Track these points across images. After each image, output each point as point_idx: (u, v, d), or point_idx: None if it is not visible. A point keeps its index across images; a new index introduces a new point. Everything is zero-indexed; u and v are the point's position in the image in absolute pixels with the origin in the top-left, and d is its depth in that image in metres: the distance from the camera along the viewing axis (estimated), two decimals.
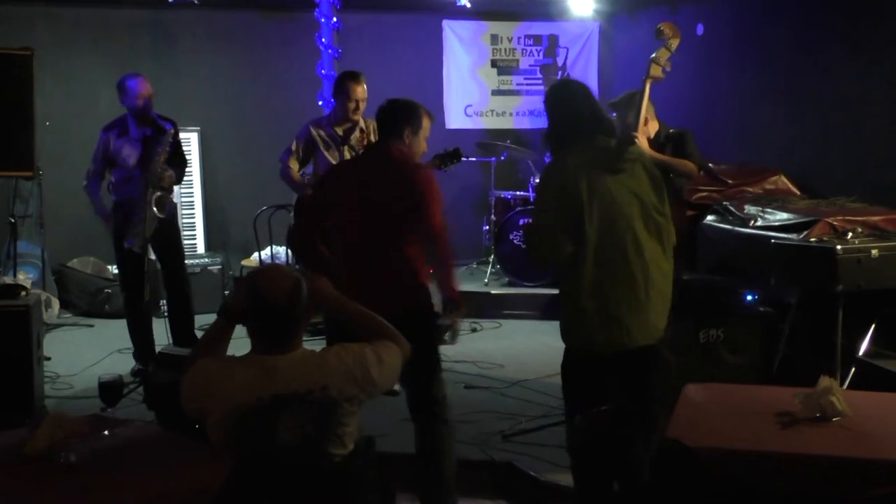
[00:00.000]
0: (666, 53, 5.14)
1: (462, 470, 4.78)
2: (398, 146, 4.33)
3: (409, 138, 4.37)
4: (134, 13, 9.49)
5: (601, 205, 3.68)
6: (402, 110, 4.43)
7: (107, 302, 8.47)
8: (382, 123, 4.41)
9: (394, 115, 4.41)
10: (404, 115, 4.41)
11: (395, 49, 10.04)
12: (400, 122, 4.38)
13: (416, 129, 4.40)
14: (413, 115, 4.42)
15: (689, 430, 3.17)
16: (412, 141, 4.39)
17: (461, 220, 10.08)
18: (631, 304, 3.69)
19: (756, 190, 6.89)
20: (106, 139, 6.31)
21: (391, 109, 4.43)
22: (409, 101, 4.51)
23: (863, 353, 5.01)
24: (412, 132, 4.38)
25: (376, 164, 4.36)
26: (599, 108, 4.00)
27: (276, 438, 2.79)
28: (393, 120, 4.40)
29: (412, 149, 4.40)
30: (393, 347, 3.07)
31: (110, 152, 6.28)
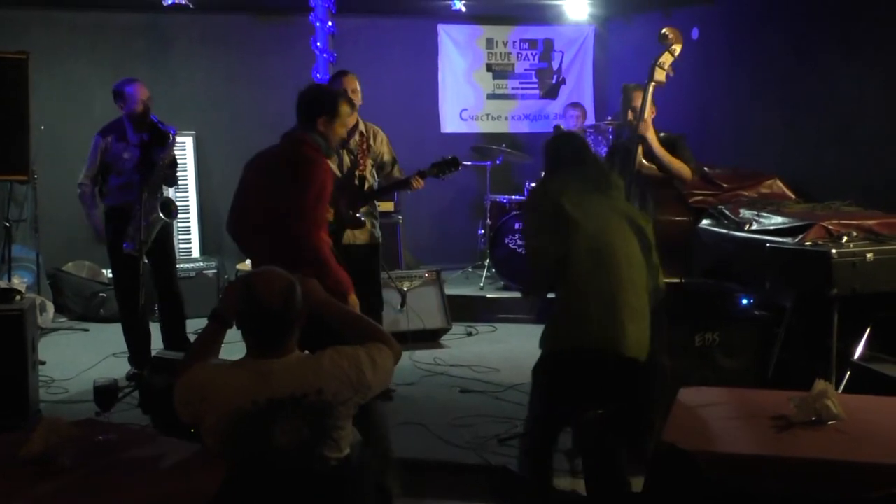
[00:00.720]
0: (669, 58, 5.17)
1: (458, 474, 4.79)
2: (301, 135, 4.37)
3: (324, 126, 4.41)
4: (129, 17, 9.49)
5: (591, 216, 3.81)
6: (318, 98, 4.47)
7: (101, 306, 8.46)
8: (298, 111, 4.46)
9: (309, 103, 4.45)
10: (320, 103, 4.43)
11: (391, 53, 10.05)
12: (314, 110, 4.41)
13: (332, 117, 4.43)
14: (329, 103, 4.44)
15: (684, 434, 3.17)
16: (327, 129, 4.42)
17: (456, 224, 10.11)
18: (628, 313, 3.78)
19: (751, 194, 6.90)
20: (103, 144, 6.27)
21: (306, 97, 4.47)
22: (326, 88, 4.57)
23: (858, 357, 5.01)
24: (327, 120, 4.42)
25: (278, 151, 4.46)
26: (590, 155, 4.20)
27: (271, 442, 2.79)
28: (307, 107, 4.44)
29: (327, 137, 4.43)
30: (385, 350, 3.08)
31: (108, 157, 6.25)
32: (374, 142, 5.96)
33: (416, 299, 7.52)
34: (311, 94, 4.49)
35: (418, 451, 5.01)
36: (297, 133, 4.45)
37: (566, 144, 4.16)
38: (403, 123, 8.72)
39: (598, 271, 3.76)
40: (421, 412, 5.67)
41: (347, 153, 5.91)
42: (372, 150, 5.93)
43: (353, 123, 5.97)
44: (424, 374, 6.59)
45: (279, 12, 9.70)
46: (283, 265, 3.11)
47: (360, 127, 5.95)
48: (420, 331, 7.36)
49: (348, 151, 5.91)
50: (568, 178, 3.96)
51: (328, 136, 4.44)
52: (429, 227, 10.17)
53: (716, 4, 8.61)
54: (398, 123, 7.61)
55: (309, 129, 4.42)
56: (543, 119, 10.49)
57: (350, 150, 5.90)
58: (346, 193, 5.80)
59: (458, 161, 5.88)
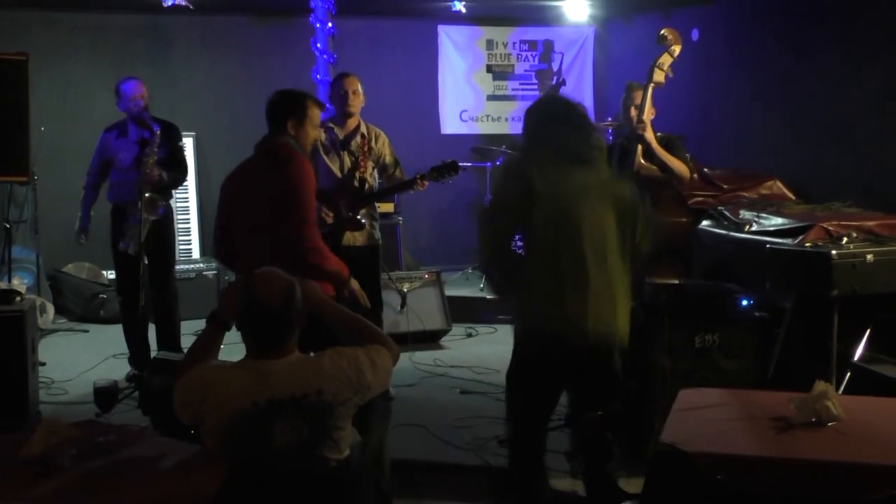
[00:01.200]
0: (669, 59, 5.18)
1: (458, 475, 4.79)
2: (277, 139, 4.35)
3: (294, 129, 4.38)
4: (129, 18, 9.49)
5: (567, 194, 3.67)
6: (284, 102, 4.42)
7: (101, 307, 8.46)
8: (267, 117, 4.43)
9: (276, 108, 4.42)
10: (286, 107, 4.40)
11: (391, 54, 10.05)
12: (282, 114, 4.38)
13: (301, 119, 4.39)
14: (296, 106, 4.41)
15: (684, 435, 3.17)
16: (298, 132, 4.39)
17: (456, 225, 10.10)
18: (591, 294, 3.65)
19: (751, 195, 6.90)
20: (105, 140, 6.36)
21: (274, 102, 4.43)
22: (295, 91, 4.51)
23: (858, 358, 5.01)
24: (297, 123, 4.38)
25: (255, 160, 4.44)
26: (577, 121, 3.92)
27: (271, 443, 2.79)
28: (275, 112, 4.41)
29: (299, 140, 4.40)
30: (384, 351, 3.08)
31: (109, 153, 6.32)
32: (375, 143, 5.96)
33: (416, 300, 7.52)
34: (277, 99, 4.45)
35: (418, 452, 5.01)
36: (269, 139, 4.42)
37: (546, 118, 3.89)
38: (403, 124, 8.72)
39: (557, 249, 3.63)
40: (421, 413, 5.67)
41: (348, 155, 5.91)
42: (373, 151, 5.93)
43: (355, 125, 5.97)
44: (424, 375, 6.59)
45: (279, 13, 9.70)
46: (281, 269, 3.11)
47: (362, 129, 5.95)
48: (420, 332, 7.36)
49: (349, 153, 5.91)
50: (540, 151, 3.78)
51: (300, 139, 4.40)
52: (429, 228, 10.17)
53: (715, 5, 8.62)
54: (398, 124, 7.61)
55: (280, 133, 4.38)
56: None
57: (351, 152, 5.90)
58: (346, 195, 5.80)
59: (457, 165, 5.87)
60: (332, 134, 5.95)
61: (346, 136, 5.94)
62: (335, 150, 5.93)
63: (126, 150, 6.22)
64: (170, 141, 6.33)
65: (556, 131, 3.78)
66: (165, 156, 6.26)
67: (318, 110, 4.51)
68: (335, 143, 5.93)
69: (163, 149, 6.23)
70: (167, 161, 6.25)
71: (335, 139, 5.94)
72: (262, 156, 4.42)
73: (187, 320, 6.65)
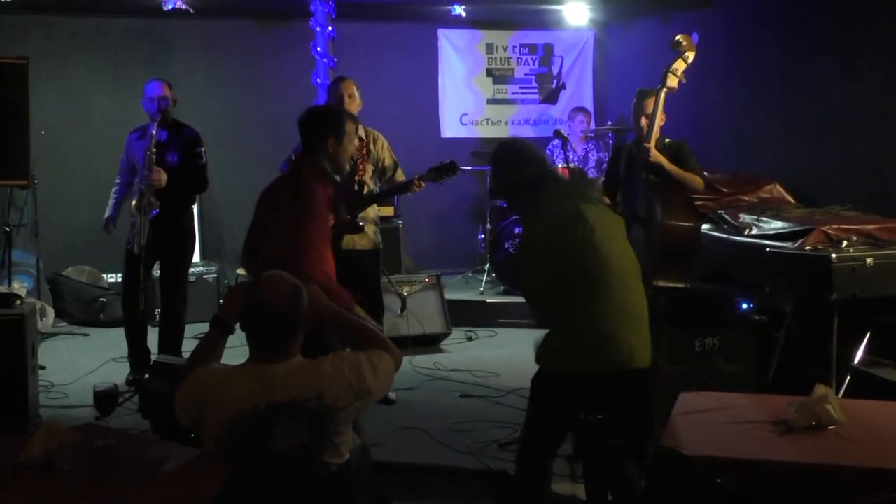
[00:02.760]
0: (683, 65, 5.19)
1: (458, 479, 4.79)
2: (307, 164, 4.31)
3: (333, 147, 4.34)
4: (129, 22, 9.50)
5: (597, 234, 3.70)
6: (323, 120, 4.38)
7: (101, 311, 8.46)
8: (303, 134, 4.37)
9: (315, 126, 4.36)
10: (326, 125, 4.35)
11: (391, 58, 10.06)
12: (322, 132, 4.33)
13: (340, 136, 4.36)
14: (335, 123, 4.37)
15: (684, 439, 3.17)
16: (337, 150, 4.35)
17: (456, 229, 10.12)
18: (634, 324, 3.72)
19: (751, 198, 6.90)
20: (129, 141, 6.40)
21: (312, 120, 4.37)
22: (330, 108, 4.46)
23: (858, 362, 5.01)
24: (336, 141, 4.34)
25: (284, 183, 4.40)
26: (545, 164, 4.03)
27: (272, 446, 2.79)
28: (314, 130, 4.36)
29: (337, 156, 4.37)
30: (386, 356, 3.08)
31: (129, 154, 6.36)
32: (374, 147, 5.96)
33: (417, 304, 7.52)
34: (314, 117, 4.39)
35: (418, 456, 5.01)
36: (304, 161, 4.38)
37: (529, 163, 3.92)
38: (403, 128, 8.73)
39: (600, 287, 3.66)
40: (421, 417, 5.67)
41: None
42: (372, 154, 5.94)
43: None
44: (424, 378, 6.59)
45: (279, 17, 9.71)
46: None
47: (360, 132, 5.95)
48: (420, 335, 7.36)
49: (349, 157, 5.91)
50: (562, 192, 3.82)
51: (339, 156, 4.38)
52: (429, 232, 10.18)
53: (715, 9, 8.62)
54: (398, 128, 7.62)
55: (318, 151, 4.34)
56: (543, 124, 10.49)
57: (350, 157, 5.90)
58: (345, 199, 5.81)
59: (456, 165, 5.87)
60: None
61: None
62: None
63: (141, 152, 6.23)
64: (184, 146, 6.31)
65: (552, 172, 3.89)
66: (178, 161, 6.25)
67: (353, 125, 4.47)
68: None
69: (175, 153, 6.23)
70: (179, 166, 6.24)
71: None
72: (292, 180, 4.36)
73: (188, 324, 6.64)
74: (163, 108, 6.23)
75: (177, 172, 6.19)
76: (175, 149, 6.24)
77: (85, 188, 8.78)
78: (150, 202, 6.05)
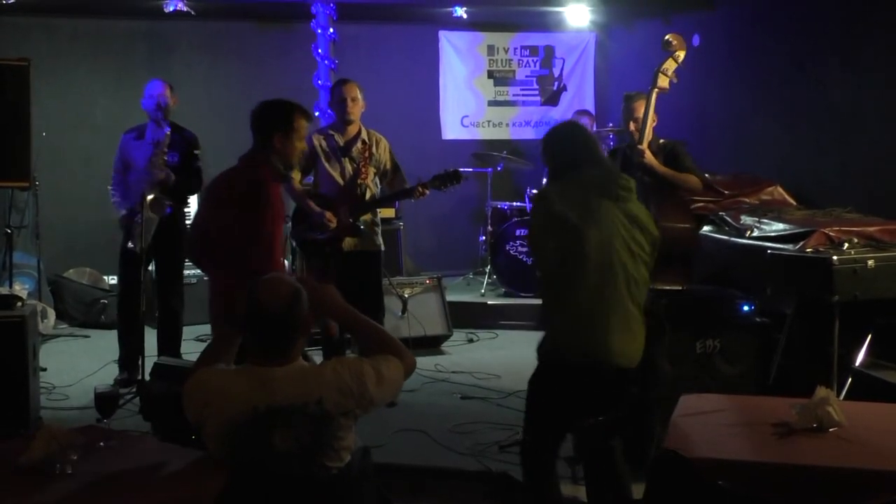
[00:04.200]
0: (673, 65, 5.18)
1: (459, 481, 4.79)
2: (257, 161, 4.31)
3: (280, 142, 4.30)
4: (130, 24, 9.51)
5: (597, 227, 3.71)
6: (271, 114, 4.34)
7: (102, 312, 8.45)
8: (252, 128, 4.36)
9: (263, 120, 4.34)
10: (273, 120, 4.32)
11: (392, 60, 10.06)
12: (269, 127, 4.30)
13: (288, 132, 4.31)
14: (283, 119, 4.32)
15: (685, 441, 3.17)
16: (284, 145, 4.31)
17: (457, 231, 10.12)
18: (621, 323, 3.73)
19: (752, 200, 6.89)
20: (124, 141, 6.43)
21: (260, 114, 4.35)
22: (282, 102, 4.37)
23: (859, 364, 5.01)
24: (283, 136, 4.30)
25: (232, 177, 4.38)
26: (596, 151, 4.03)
27: (271, 449, 2.79)
28: (262, 125, 4.33)
29: (285, 152, 4.32)
30: (394, 362, 3.05)
31: (126, 155, 6.38)
32: (376, 150, 5.96)
33: (418, 306, 7.53)
34: (264, 111, 4.36)
35: (419, 458, 5.01)
36: (253, 157, 4.37)
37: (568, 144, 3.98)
38: (404, 130, 8.73)
39: (593, 283, 3.68)
40: (422, 419, 5.67)
41: (350, 161, 5.91)
42: (374, 158, 5.94)
43: (356, 132, 5.97)
44: (425, 380, 6.59)
45: (280, 19, 9.72)
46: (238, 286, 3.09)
47: (363, 135, 5.95)
48: (421, 337, 7.36)
49: (350, 160, 5.91)
50: (571, 182, 3.85)
51: (287, 153, 4.33)
52: (430, 234, 10.18)
53: (716, 11, 8.62)
54: (399, 130, 7.62)
55: (265, 148, 4.32)
56: (544, 126, 10.47)
57: (352, 159, 5.90)
58: (347, 201, 5.81)
59: (459, 174, 5.88)
60: (332, 141, 5.95)
61: (346, 143, 5.94)
62: (336, 156, 5.93)
63: (141, 152, 6.26)
64: (184, 147, 6.35)
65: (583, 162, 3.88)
66: (178, 161, 6.27)
67: (306, 122, 4.41)
68: (335, 150, 5.94)
69: (175, 154, 6.25)
70: (179, 167, 6.25)
71: (335, 146, 5.94)
72: (241, 175, 4.36)
73: (187, 325, 6.64)
74: (162, 106, 6.25)
75: (176, 173, 6.19)
76: (175, 149, 6.26)
77: (86, 190, 8.78)
78: (161, 202, 6.07)
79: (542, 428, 3.90)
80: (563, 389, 3.77)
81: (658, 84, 5.20)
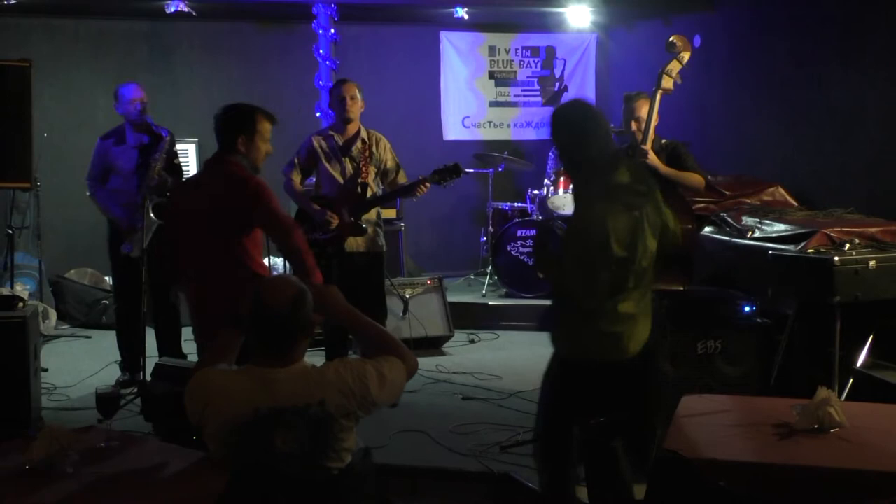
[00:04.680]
0: (677, 66, 5.17)
1: (460, 481, 4.79)
2: (229, 162, 4.30)
3: (244, 146, 4.30)
4: (132, 25, 9.51)
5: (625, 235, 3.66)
6: (233, 118, 4.33)
7: (104, 313, 8.46)
8: (215, 132, 4.35)
9: (225, 124, 4.33)
10: (236, 123, 4.32)
11: (393, 60, 10.06)
12: (232, 131, 4.30)
13: (251, 134, 4.31)
14: (245, 121, 4.33)
15: (686, 442, 3.17)
16: (248, 148, 4.31)
17: (458, 232, 10.12)
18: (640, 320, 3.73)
19: (753, 201, 6.89)
20: (103, 148, 6.34)
21: (222, 118, 4.35)
22: (244, 105, 4.38)
23: (860, 365, 5.01)
24: (247, 139, 4.30)
25: (209, 180, 4.38)
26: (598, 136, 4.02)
27: (272, 450, 2.79)
28: (224, 129, 4.33)
29: (250, 155, 4.33)
30: (397, 364, 3.04)
31: (108, 161, 6.31)
32: (376, 149, 5.96)
33: (419, 306, 7.53)
34: (226, 115, 4.36)
35: (420, 459, 5.01)
36: (220, 158, 4.37)
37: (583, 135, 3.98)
38: (406, 131, 8.73)
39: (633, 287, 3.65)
40: (423, 419, 5.67)
41: (350, 161, 5.91)
42: (374, 157, 5.93)
43: (355, 131, 5.97)
44: (427, 381, 6.58)
45: (282, 20, 9.72)
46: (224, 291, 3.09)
47: (363, 134, 5.95)
48: (422, 338, 7.36)
49: (351, 159, 5.91)
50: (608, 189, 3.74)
51: (250, 155, 4.33)
52: (431, 235, 10.18)
53: (717, 12, 8.62)
54: (400, 131, 7.62)
55: (230, 151, 4.32)
56: (545, 126, 10.46)
57: (353, 158, 5.90)
58: (348, 201, 5.81)
59: (459, 168, 5.87)
60: (331, 141, 5.95)
61: (345, 142, 5.94)
62: (336, 156, 5.93)
63: (126, 156, 6.23)
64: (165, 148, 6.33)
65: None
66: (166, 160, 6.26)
67: (269, 124, 4.41)
68: (335, 150, 5.93)
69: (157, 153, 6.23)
70: (166, 167, 6.25)
71: (335, 146, 5.94)
72: (216, 178, 4.35)
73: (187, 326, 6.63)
74: (145, 110, 6.24)
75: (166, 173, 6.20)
76: (160, 149, 6.23)
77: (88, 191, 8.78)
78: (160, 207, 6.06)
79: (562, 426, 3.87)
80: (591, 387, 3.72)
81: (662, 85, 5.20)
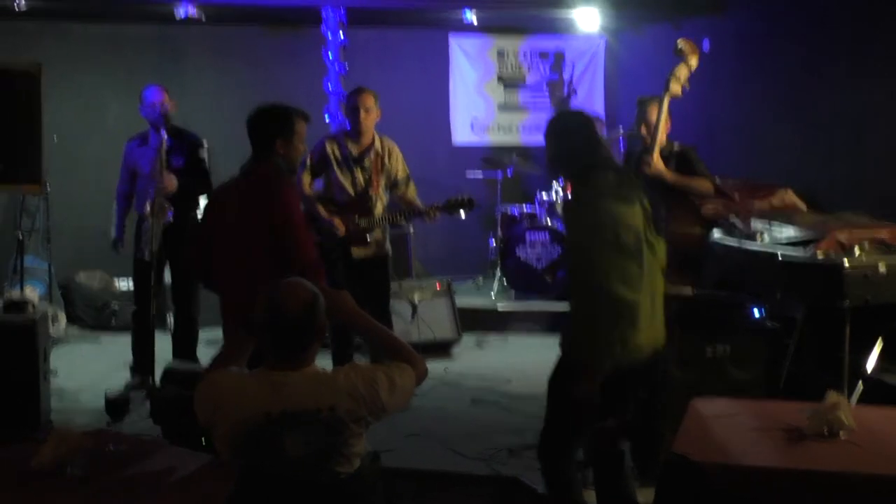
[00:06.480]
0: (686, 70, 5.14)
1: (468, 485, 4.79)
2: (267, 164, 4.29)
3: (283, 148, 4.30)
4: (141, 29, 9.54)
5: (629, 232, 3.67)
6: (271, 120, 4.32)
7: (113, 316, 8.48)
8: (251, 135, 4.34)
9: (263, 126, 4.32)
10: (274, 125, 4.31)
11: (402, 64, 10.06)
12: (270, 133, 4.29)
13: (289, 136, 4.30)
14: (282, 125, 4.32)
15: (695, 446, 3.16)
16: (287, 150, 4.31)
17: (467, 235, 10.10)
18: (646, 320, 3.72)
19: (763, 205, 6.87)
20: (128, 149, 6.45)
21: (259, 120, 4.33)
22: (280, 107, 4.36)
23: (870, 369, 4.99)
24: (285, 141, 4.30)
25: (247, 183, 4.36)
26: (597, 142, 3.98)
27: (281, 455, 2.79)
28: (262, 131, 4.32)
29: (289, 157, 4.32)
30: (407, 370, 3.04)
31: (130, 162, 6.41)
32: (388, 160, 5.94)
33: (427, 310, 7.53)
34: (263, 117, 4.35)
35: (428, 462, 5.02)
36: (258, 164, 4.36)
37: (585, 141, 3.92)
38: (415, 134, 8.73)
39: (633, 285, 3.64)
40: (431, 423, 5.67)
41: (361, 171, 5.89)
42: (386, 167, 5.93)
43: (369, 142, 5.94)
44: (435, 384, 6.58)
45: (290, 24, 9.73)
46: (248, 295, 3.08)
47: (376, 145, 5.92)
48: (431, 342, 7.35)
49: (362, 170, 5.89)
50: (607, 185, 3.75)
51: (289, 156, 4.33)
52: (439, 238, 10.15)
53: (727, 16, 8.61)
54: (409, 134, 7.61)
55: (268, 154, 4.31)
56: None
57: (364, 169, 5.88)
58: (357, 211, 5.81)
59: (473, 202, 5.90)
60: (345, 150, 5.92)
61: (360, 154, 5.91)
62: (347, 166, 5.91)
63: (146, 159, 6.27)
64: (187, 150, 6.36)
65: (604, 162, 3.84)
66: (182, 164, 6.28)
67: (305, 123, 4.41)
68: (348, 160, 5.90)
69: (179, 157, 6.26)
70: (184, 169, 6.26)
71: (348, 155, 5.91)
72: (254, 181, 4.35)
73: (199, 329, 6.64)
74: (165, 113, 6.26)
75: (183, 176, 6.20)
76: (179, 153, 6.27)
77: (97, 194, 8.78)
78: (163, 207, 6.06)
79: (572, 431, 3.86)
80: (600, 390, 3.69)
81: (670, 89, 5.18)
